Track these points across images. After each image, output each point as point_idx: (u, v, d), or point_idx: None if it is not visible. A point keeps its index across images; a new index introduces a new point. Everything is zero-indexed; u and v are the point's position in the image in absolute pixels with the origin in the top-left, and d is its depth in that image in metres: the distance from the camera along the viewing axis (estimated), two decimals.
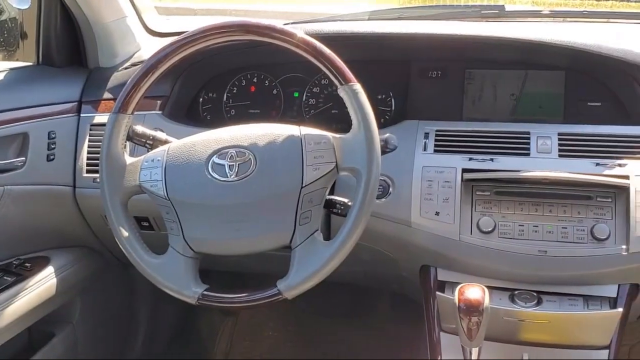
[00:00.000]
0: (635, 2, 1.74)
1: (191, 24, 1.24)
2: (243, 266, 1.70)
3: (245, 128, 1.22)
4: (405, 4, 2.10)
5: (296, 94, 1.64)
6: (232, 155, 1.18)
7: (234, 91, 1.67)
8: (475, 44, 1.46)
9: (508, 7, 1.79)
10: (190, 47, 1.21)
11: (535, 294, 1.30)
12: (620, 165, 1.28)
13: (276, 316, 2.28)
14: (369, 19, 1.82)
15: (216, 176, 1.17)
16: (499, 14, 1.76)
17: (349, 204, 1.17)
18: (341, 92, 1.16)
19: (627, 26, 1.72)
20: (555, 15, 1.75)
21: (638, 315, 1.48)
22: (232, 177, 1.16)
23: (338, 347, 2.17)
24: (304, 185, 1.14)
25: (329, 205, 1.22)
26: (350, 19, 1.79)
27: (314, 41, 1.16)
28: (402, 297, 1.79)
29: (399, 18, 1.79)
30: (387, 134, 1.22)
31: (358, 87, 1.15)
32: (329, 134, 1.17)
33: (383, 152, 1.20)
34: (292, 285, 1.13)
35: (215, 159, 1.19)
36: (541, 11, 1.80)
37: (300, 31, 1.17)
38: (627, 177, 1.26)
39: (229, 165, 1.17)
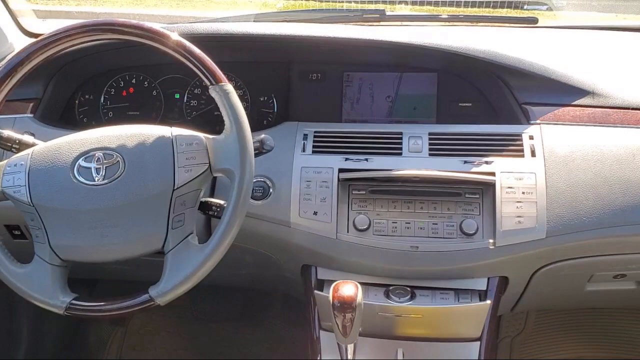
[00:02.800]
0: (506, 8, 1.82)
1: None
2: (118, 274, 1.65)
3: (114, 129, 1.18)
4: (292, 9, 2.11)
5: (177, 96, 1.62)
6: (99, 158, 1.14)
7: (112, 93, 1.62)
8: (353, 47, 1.49)
9: (388, 12, 1.84)
10: (53, 47, 1.16)
11: (409, 289, 1.34)
12: (487, 162, 1.33)
13: (167, 324, 2.23)
14: (254, 21, 1.83)
15: (82, 180, 1.13)
16: (380, 18, 1.80)
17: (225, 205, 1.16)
18: (212, 93, 1.15)
19: (499, 29, 1.80)
20: (432, 19, 1.81)
21: (511, 307, 1.55)
22: (100, 180, 1.13)
23: (231, 351, 2.15)
24: (175, 187, 1.12)
25: (205, 207, 1.21)
26: (235, 21, 1.78)
27: (183, 40, 1.15)
28: (292, 298, 1.79)
29: (284, 21, 1.81)
30: (263, 135, 1.22)
31: (229, 87, 1.15)
32: (202, 135, 1.16)
33: (259, 153, 1.21)
34: (164, 291, 1.11)
35: (81, 162, 1.15)
36: (420, 16, 1.86)
37: (170, 31, 1.15)
38: (493, 174, 1.31)
39: (96, 168, 1.14)
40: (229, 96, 1.14)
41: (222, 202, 1.20)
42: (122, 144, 1.15)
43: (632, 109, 1.38)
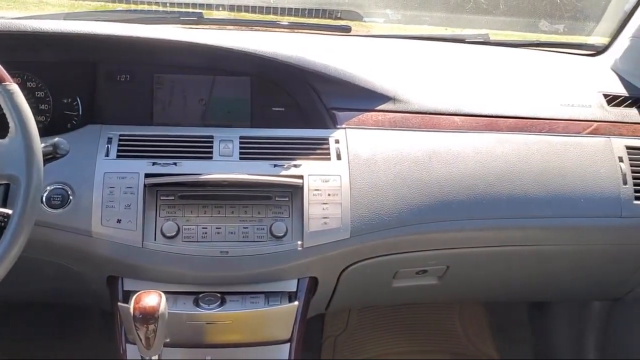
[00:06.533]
0: (321, 17, 1.87)
1: None
2: None
3: None
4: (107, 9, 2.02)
5: None
6: None
7: None
8: (162, 48, 1.45)
9: (206, 15, 1.82)
10: None
11: (219, 295, 1.32)
12: (295, 165, 1.35)
13: None
14: (64, 20, 1.72)
15: None
16: (198, 21, 1.78)
17: None
18: None
19: (318, 37, 1.84)
20: (249, 24, 1.81)
21: (325, 306, 1.59)
22: None
23: None
24: None
25: None
26: (46, 19, 1.67)
27: None
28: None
29: (97, 20, 1.72)
30: (57, 139, 1.16)
31: (14, 87, 1.07)
32: None
33: (53, 158, 1.15)
34: None
35: None
36: (237, 21, 1.86)
37: None
38: (301, 177, 1.33)
39: None
40: (12, 96, 1.06)
41: (8, 211, 1.10)
42: None
43: (429, 113, 1.47)
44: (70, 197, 1.29)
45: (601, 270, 1.68)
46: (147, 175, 1.30)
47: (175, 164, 1.33)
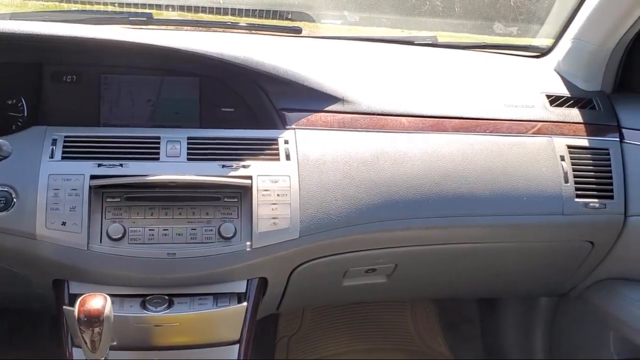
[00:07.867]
0: (272, 18, 1.88)
1: None
2: None
3: None
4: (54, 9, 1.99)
5: None
6: None
7: None
8: (108, 48, 1.43)
9: (156, 16, 1.80)
10: None
11: (167, 297, 1.31)
12: (244, 166, 1.35)
13: None
14: (10, 19, 1.69)
15: None
16: (147, 21, 1.77)
17: None
18: None
19: (272, 39, 1.85)
20: (200, 25, 1.81)
21: (276, 306, 1.59)
22: None
23: None
24: None
25: None
26: None
27: None
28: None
29: (44, 20, 1.69)
30: None
31: None
32: None
33: None
34: None
35: None
36: (188, 21, 1.85)
37: None
38: (250, 178, 1.34)
39: None
40: None
41: None
42: None
43: (377, 114, 1.49)
44: (14, 200, 1.26)
45: (545, 267, 1.72)
46: (92, 177, 1.29)
47: (121, 165, 1.31)
